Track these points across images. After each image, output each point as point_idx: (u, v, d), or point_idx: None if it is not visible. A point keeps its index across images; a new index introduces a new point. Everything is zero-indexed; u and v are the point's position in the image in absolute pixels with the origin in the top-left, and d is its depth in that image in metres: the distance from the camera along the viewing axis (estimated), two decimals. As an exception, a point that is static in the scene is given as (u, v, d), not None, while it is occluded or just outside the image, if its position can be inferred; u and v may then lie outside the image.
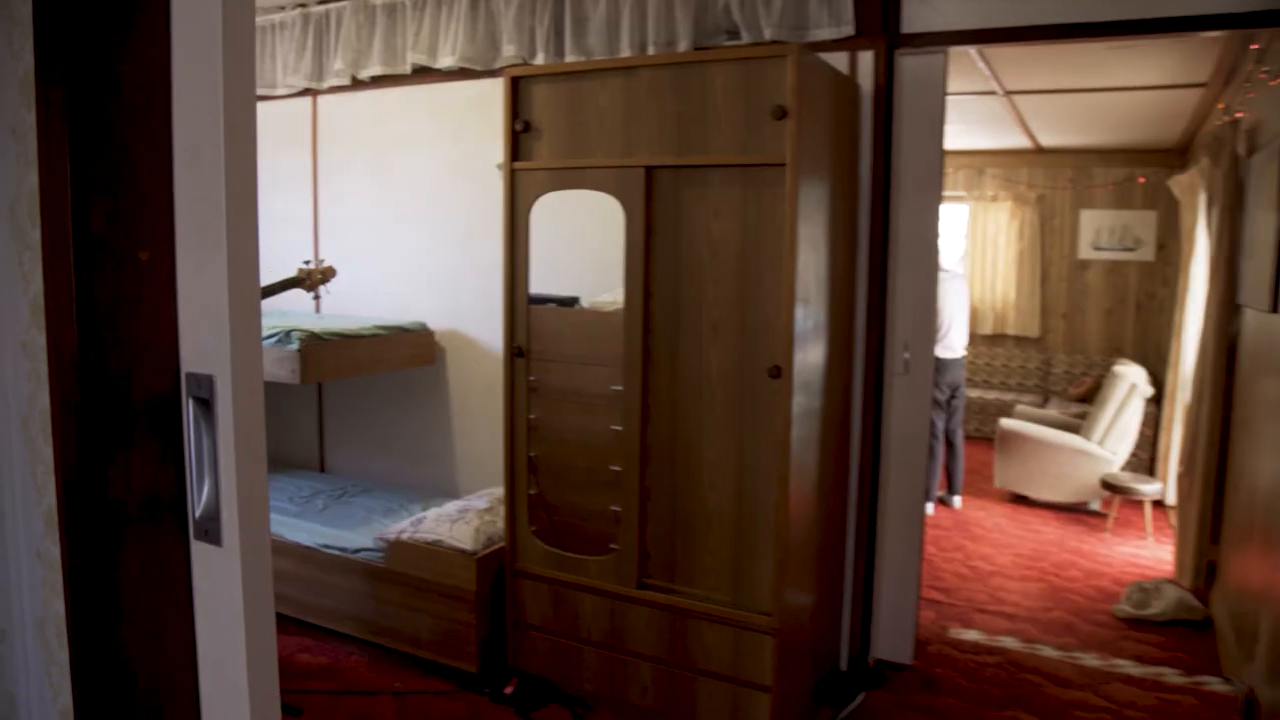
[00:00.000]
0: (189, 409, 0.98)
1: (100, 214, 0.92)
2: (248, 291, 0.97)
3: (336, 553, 3.62)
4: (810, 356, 2.97)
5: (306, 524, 3.87)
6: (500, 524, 3.47)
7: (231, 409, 0.96)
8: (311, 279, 3.46)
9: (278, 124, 4.76)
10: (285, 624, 3.78)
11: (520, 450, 3.33)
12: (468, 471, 4.32)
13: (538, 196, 3.20)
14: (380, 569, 3.51)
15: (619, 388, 3.10)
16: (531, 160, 3.19)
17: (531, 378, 3.32)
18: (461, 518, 3.50)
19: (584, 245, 3.46)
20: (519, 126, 3.18)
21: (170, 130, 0.93)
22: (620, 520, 3.12)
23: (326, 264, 3.53)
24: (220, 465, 0.96)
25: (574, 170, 3.11)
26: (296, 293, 4.75)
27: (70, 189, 0.89)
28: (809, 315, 2.93)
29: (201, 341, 0.97)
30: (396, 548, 3.47)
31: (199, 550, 1.01)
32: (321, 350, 3.72)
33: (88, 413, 0.93)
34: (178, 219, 0.94)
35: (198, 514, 0.99)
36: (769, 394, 2.86)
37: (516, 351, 3.30)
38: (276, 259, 4.81)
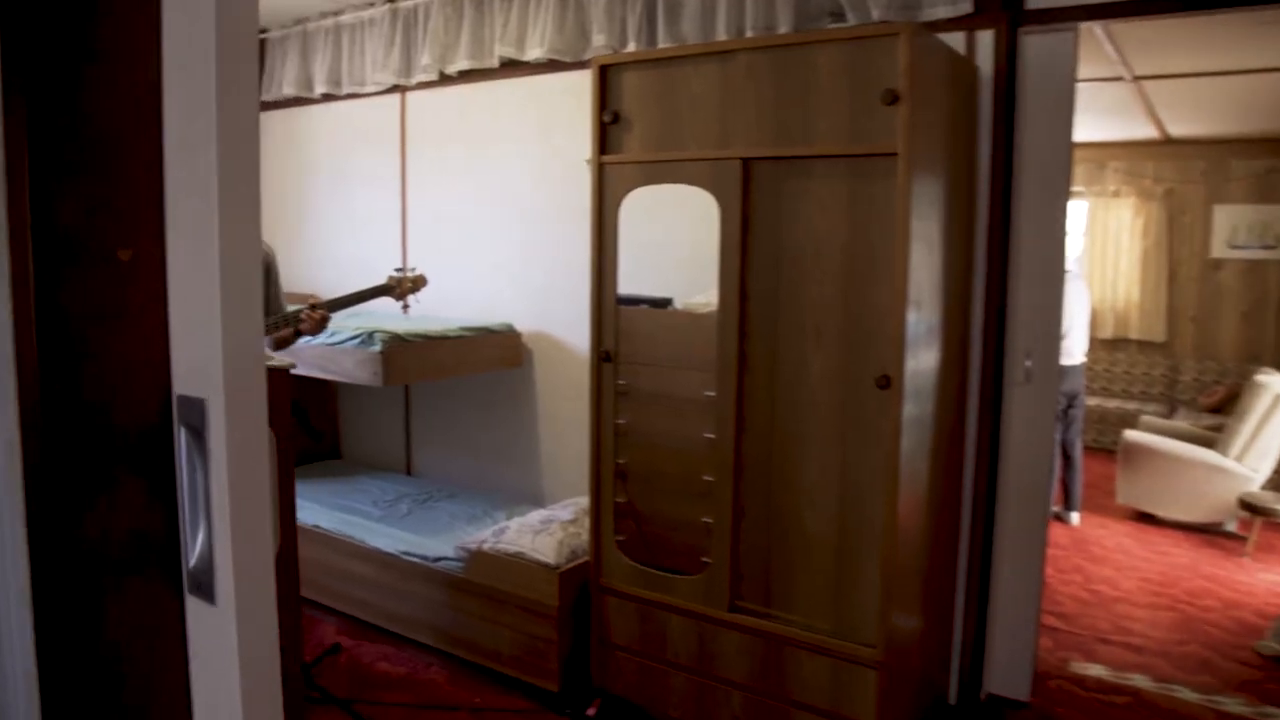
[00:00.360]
0: (181, 439, 0.82)
1: (71, 202, 0.77)
2: (245, 296, 0.80)
3: (417, 560, 3.51)
4: (922, 364, 2.71)
5: (388, 529, 3.78)
6: (585, 537, 3.30)
7: (225, 440, 0.79)
8: (401, 287, 3.35)
9: (367, 122, 4.71)
10: (366, 630, 3.69)
11: (607, 461, 3.16)
12: (554, 478, 4.18)
13: (627, 192, 3.01)
14: (460, 579, 3.38)
15: (712, 393, 2.89)
16: (620, 153, 3.01)
17: (621, 382, 3.14)
18: (545, 529, 3.35)
19: (677, 243, 3.27)
20: (607, 118, 3.01)
21: (160, 100, 0.77)
22: (712, 533, 2.91)
23: (417, 272, 3.41)
24: (213, 508, 0.80)
25: (665, 163, 2.91)
26: (352, 287, 4.70)
27: (29, 169, 0.74)
28: (921, 319, 2.67)
29: (194, 358, 0.80)
30: (477, 558, 3.34)
31: (194, 608, 0.85)
32: (404, 352, 3.62)
33: (56, 445, 0.78)
34: (169, 209, 0.78)
35: (191, 564, 0.83)
36: (876, 405, 2.61)
37: (603, 356, 3.12)
38: (364, 258, 4.77)
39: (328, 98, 4.81)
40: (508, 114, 4.16)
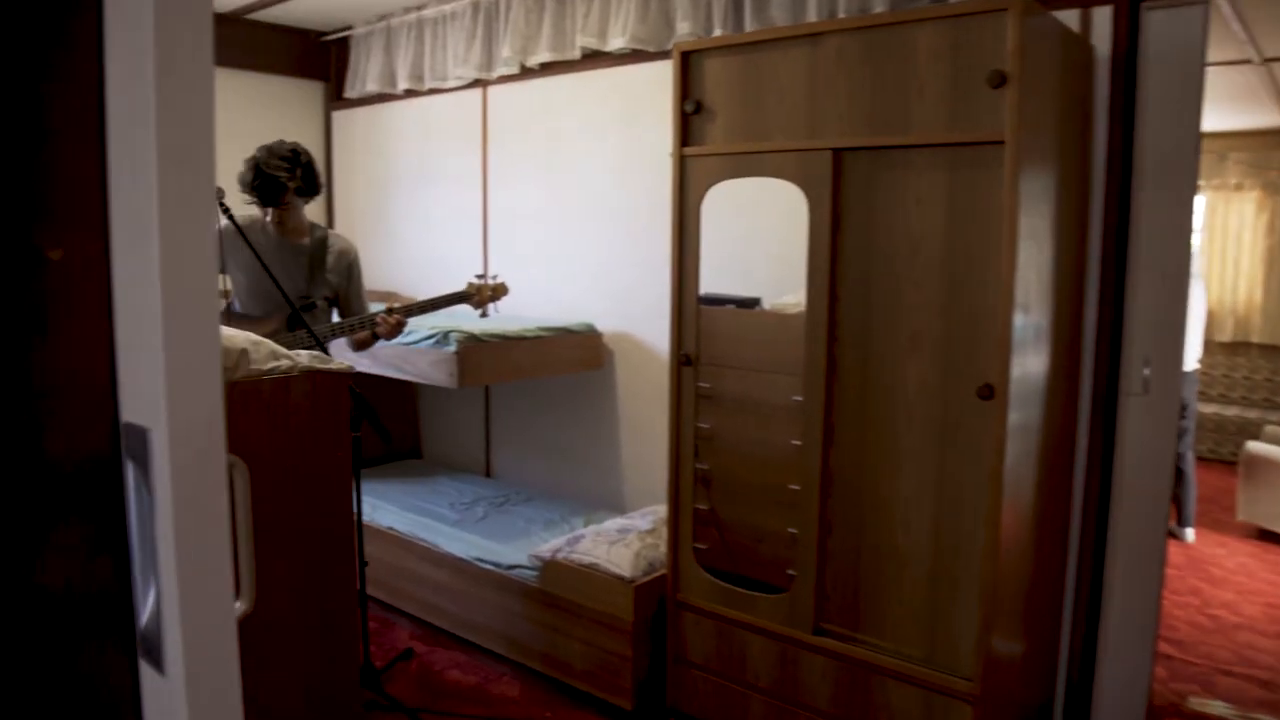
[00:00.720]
0: (130, 475, 0.70)
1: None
2: (194, 303, 0.68)
3: (490, 567, 3.41)
4: (1029, 373, 2.48)
5: (463, 534, 3.70)
6: (663, 548, 3.16)
7: (170, 477, 0.66)
8: (480, 295, 3.25)
9: (448, 118, 4.65)
10: (439, 636, 3.62)
11: (686, 470, 3.00)
12: (635, 484, 4.04)
13: (709, 186, 2.85)
14: (533, 589, 3.28)
15: (800, 399, 2.72)
16: (703, 145, 2.85)
17: (705, 385, 2.99)
18: (621, 539, 3.21)
19: (767, 240, 3.10)
20: (689, 108, 2.85)
21: (101, 71, 0.65)
22: (797, 544, 2.73)
23: (499, 280, 3.31)
24: (159, 558, 0.67)
25: (750, 155, 2.74)
26: (433, 286, 4.63)
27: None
28: (1028, 324, 2.44)
29: (138, 378, 0.68)
30: (551, 568, 3.22)
31: (148, 677, 0.73)
32: (480, 352, 3.53)
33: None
34: (112, 201, 0.66)
35: (141, 624, 0.71)
36: (977, 417, 2.40)
37: (684, 359, 2.97)
38: (445, 257, 4.72)
39: (410, 94, 4.77)
40: (589, 107, 4.04)
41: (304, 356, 2.10)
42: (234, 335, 1.98)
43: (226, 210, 2.88)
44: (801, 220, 2.65)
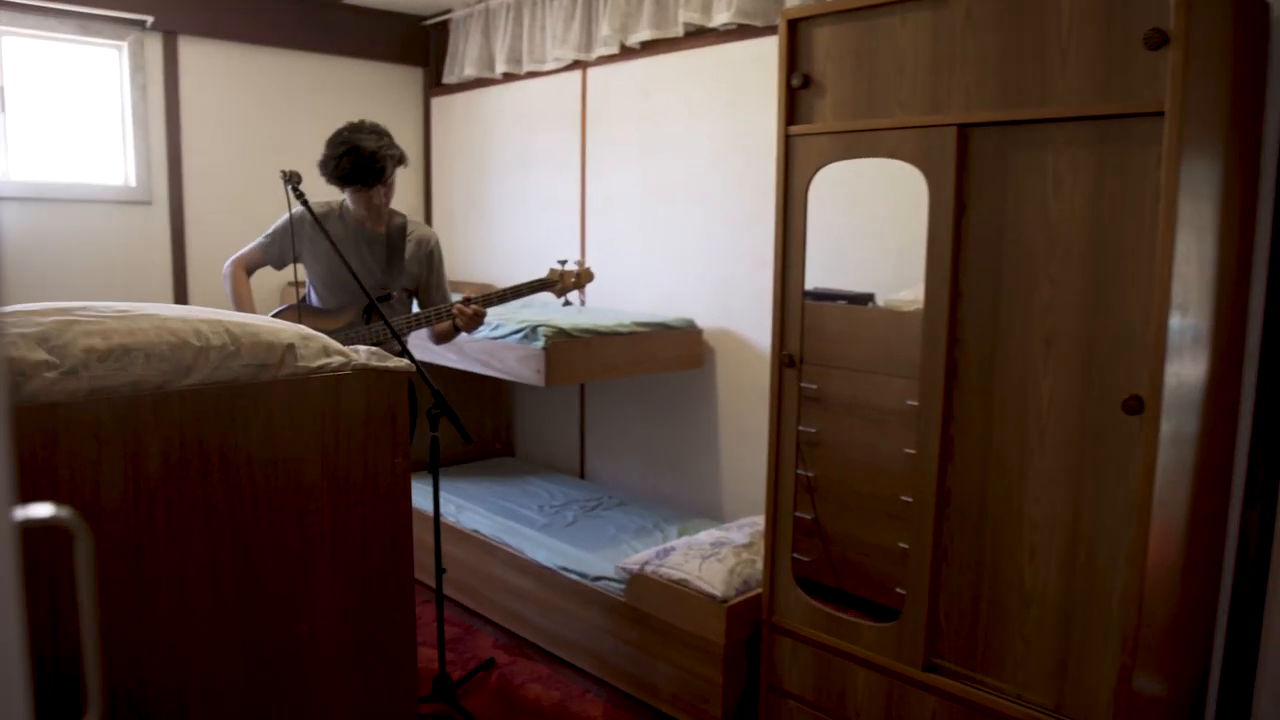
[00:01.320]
0: None
1: None
2: None
3: (575, 578, 3.22)
4: (1184, 383, 2.12)
5: (550, 540, 3.52)
6: (760, 565, 2.91)
7: None
8: (563, 282, 3.05)
9: (547, 102, 4.48)
10: (523, 646, 3.45)
11: (786, 482, 2.74)
12: (734, 491, 3.79)
13: (818, 168, 2.58)
14: (619, 603, 3.07)
15: (915, 403, 2.42)
16: (811, 123, 2.57)
17: (811, 386, 2.73)
18: (715, 554, 2.97)
19: (880, 230, 2.83)
20: (796, 81, 2.58)
21: None
22: (908, 561, 2.44)
23: (585, 265, 3.11)
24: None
25: (864, 133, 2.45)
26: (527, 276, 4.46)
27: None
28: (1186, 327, 2.08)
29: None
30: (637, 581, 3.01)
31: None
32: (570, 349, 3.34)
33: None
34: None
35: None
36: (1122, 434, 2.06)
37: (786, 360, 2.70)
38: (542, 246, 4.56)
39: (508, 77, 4.63)
40: (692, 88, 3.80)
41: (361, 353, 1.93)
42: (282, 329, 1.83)
43: (302, 197, 2.77)
44: (921, 207, 2.35)
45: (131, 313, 1.73)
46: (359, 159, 2.85)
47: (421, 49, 5.15)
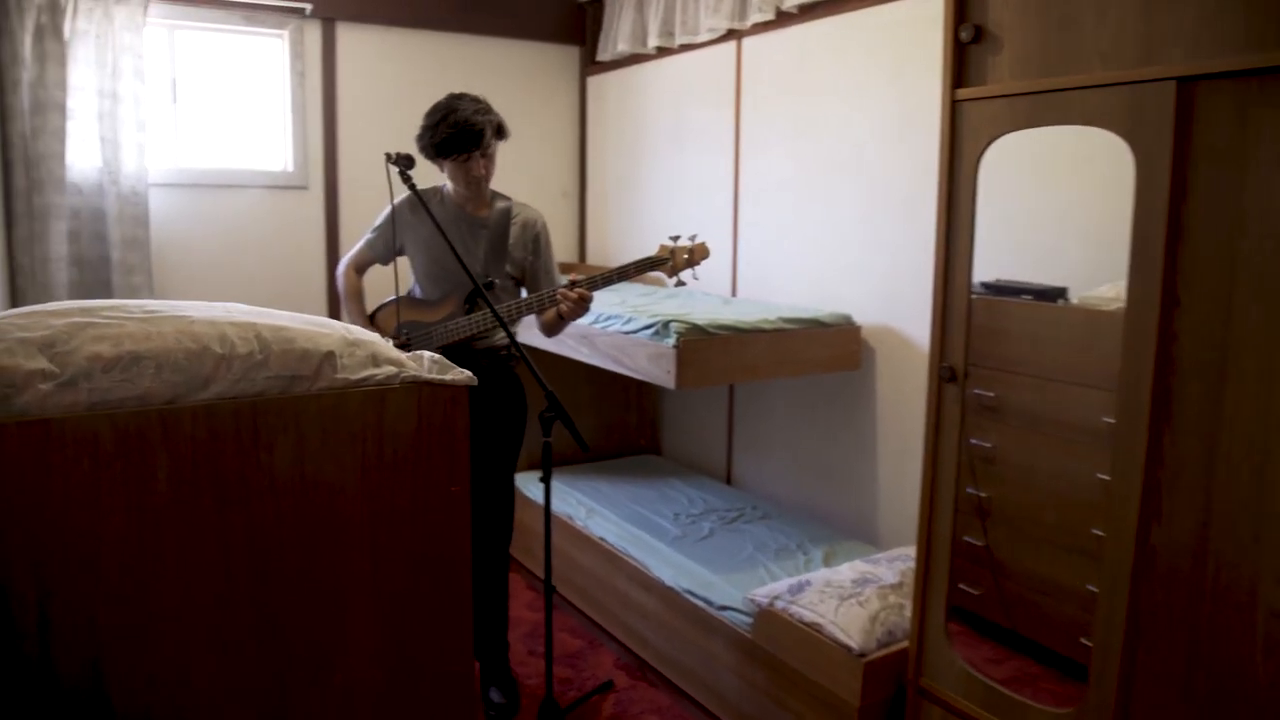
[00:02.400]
0: None
1: None
2: None
3: (700, 603, 2.88)
4: None
5: (679, 556, 3.19)
6: (909, 612, 2.46)
7: None
8: (675, 260, 2.71)
9: (699, 77, 4.12)
10: (645, 670, 3.15)
11: (941, 517, 2.29)
12: (892, 511, 3.33)
13: (992, 139, 2.10)
14: (745, 638, 2.70)
15: (1112, 421, 1.92)
16: (984, 85, 2.10)
17: (989, 393, 2.30)
18: (856, 594, 2.55)
19: (1077, 211, 2.34)
20: (966, 35, 2.11)
21: None
22: (1095, 636, 1.94)
23: (698, 239, 2.76)
24: None
25: (1051, 95, 1.95)
26: (707, 266, 4.11)
27: None
28: None
29: None
30: (766, 618, 2.63)
31: None
32: (706, 348, 2.99)
33: None
34: None
35: None
36: None
37: (945, 374, 2.25)
38: (694, 231, 4.20)
39: (662, 52, 4.30)
40: (853, 55, 3.34)
41: (423, 361, 1.66)
42: (324, 332, 1.58)
43: (409, 180, 2.56)
44: (1125, 185, 1.84)
45: (160, 313, 1.52)
46: (456, 125, 2.65)
47: (578, 26, 4.91)
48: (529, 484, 3.80)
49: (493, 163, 2.79)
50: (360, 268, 3.01)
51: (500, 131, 2.77)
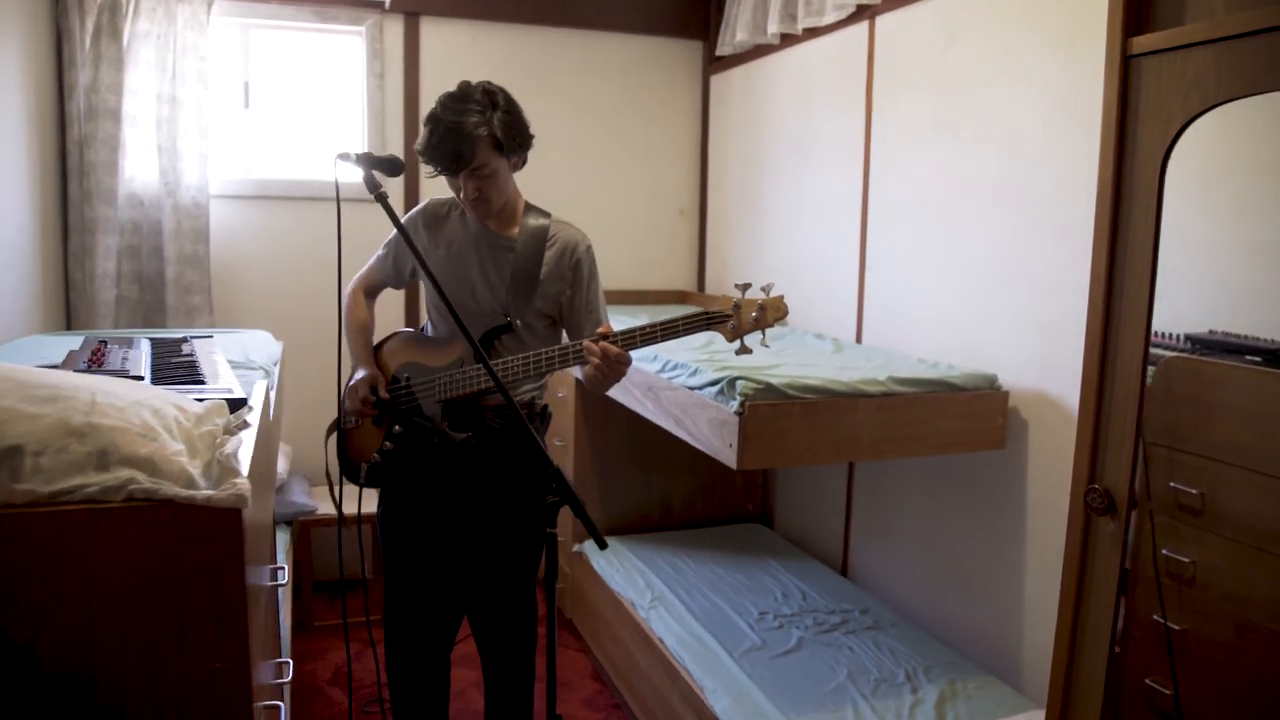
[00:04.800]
0: None
1: None
2: None
3: (753, 762, 2.14)
4: None
5: (744, 679, 2.44)
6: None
7: None
8: (740, 319, 1.95)
9: (826, 68, 3.38)
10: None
11: (1088, 685, 1.47)
12: (1041, 638, 2.45)
13: (1189, 118, 1.29)
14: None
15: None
16: (1177, 27, 1.29)
17: (1192, 490, 1.58)
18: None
19: None
20: (1149, -49, 1.31)
21: None
22: None
23: (774, 292, 1.99)
24: None
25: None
26: (828, 299, 3.36)
27: None
28: None
29: None
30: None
31: None
32: (782, 417, 2.25)
33: None
34: None
35: None
36: None
37: (1097, 502, 1.43)
38: (816, 259, 3.47)
39: (785, 40, 3.58)
40: (1010, 33, 2.52)
41: (193, 470, 1.06)
42: (31, 413, 1.01)
43: (378, 192, 1.96)
44: None
45: None
46: (438, 136, 2.04)
47: (700, 17, 4.26)
48: (598, 553, 3.20)
49: (494, 182, 2.13)
50: (371, 291, 2.45)
51: (508, 142, 2.11)
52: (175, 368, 1.94)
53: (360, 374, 2.26)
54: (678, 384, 2.57)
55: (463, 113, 2.05)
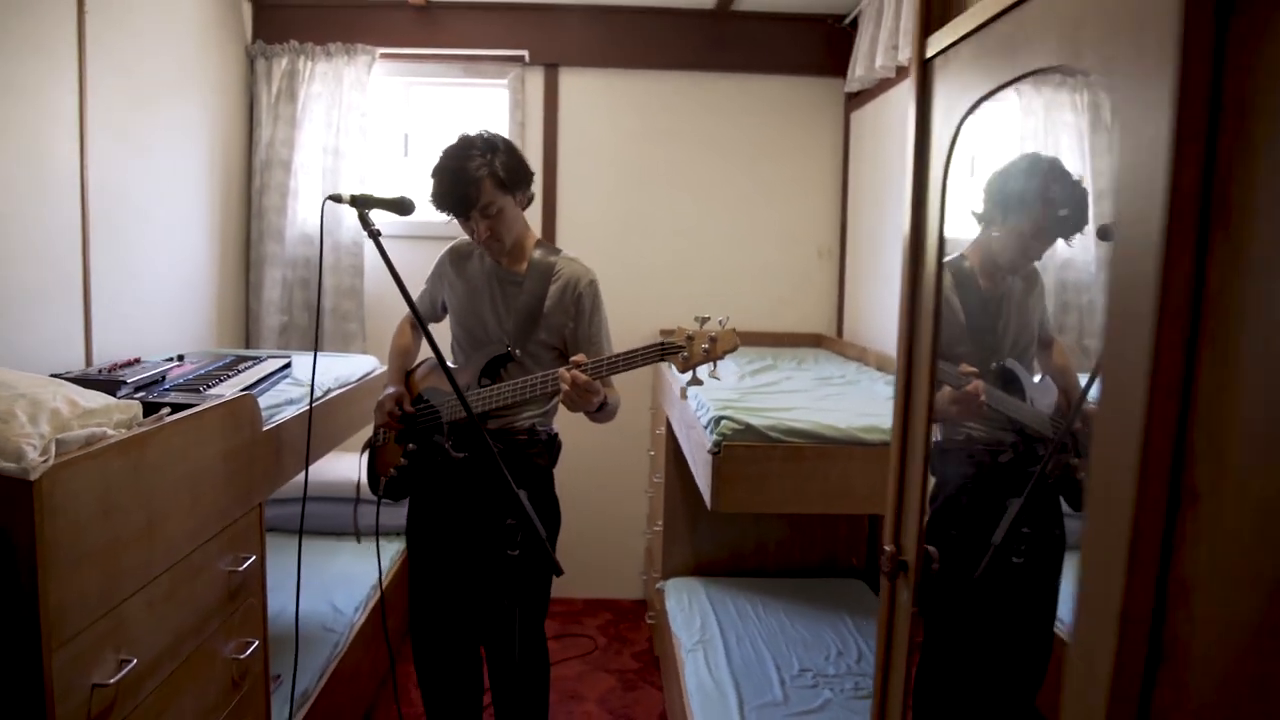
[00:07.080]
0: None
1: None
2: None
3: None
4: None
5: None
6: None
7: None
8: (691, 350, 1.92)
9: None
10: None
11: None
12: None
13: (962, 118, 1.14)
14: None
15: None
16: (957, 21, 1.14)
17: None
18: None
19: None
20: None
21: None
22: None
23: (727, 325, 1.93)
24: None
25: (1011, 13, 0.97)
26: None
27: None
28: None
29: None
30: None
31: None
32: (763, 459, 2.15)
33: None
34: None
35: None
36: None
37: (888, 564, 1.26)
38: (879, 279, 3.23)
39: (901, 73, 3.42)
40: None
41: (26, 446, 1.24)
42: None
43: (371, 229, 2.07)
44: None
45: None
46: (446, 183, 2.22)
47: (841, 53, 4.15)
48: (673, 590, 3.17)
49: (503, 219, 2.27)
50: (416, 324, 2.66)
51: (510, 178, 2.25)
52: (200, 380, 2.22)
53: (389, 391, 2.46)
54: (690, 415, 2.52)
55: (465, 159, 2.23)
